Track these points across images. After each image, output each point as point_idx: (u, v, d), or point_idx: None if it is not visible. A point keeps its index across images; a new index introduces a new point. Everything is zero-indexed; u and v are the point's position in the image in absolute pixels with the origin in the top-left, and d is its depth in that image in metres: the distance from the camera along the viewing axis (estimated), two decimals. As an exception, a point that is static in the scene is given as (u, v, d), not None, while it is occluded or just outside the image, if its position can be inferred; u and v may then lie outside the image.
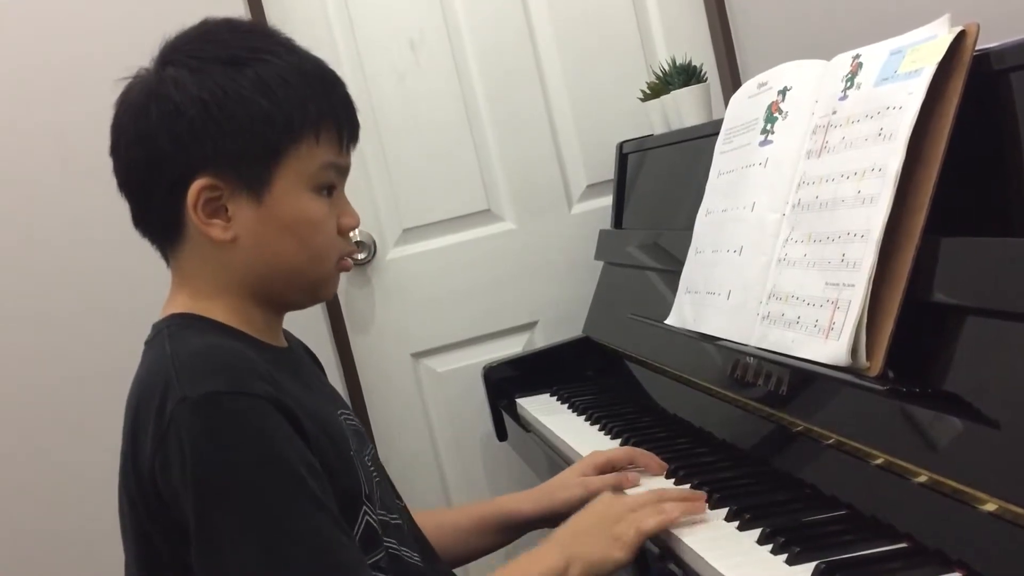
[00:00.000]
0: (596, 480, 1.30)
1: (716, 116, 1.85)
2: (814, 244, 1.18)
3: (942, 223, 1.02)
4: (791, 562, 0.96)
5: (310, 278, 1.05)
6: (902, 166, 1.05)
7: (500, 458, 2.19)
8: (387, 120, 2.15)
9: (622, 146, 2.12)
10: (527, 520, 1.33)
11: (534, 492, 1.35)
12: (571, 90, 2.24)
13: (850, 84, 1.19)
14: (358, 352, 2.16)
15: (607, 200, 2.16)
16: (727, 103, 1.52)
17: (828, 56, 1.27)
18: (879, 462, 1.02)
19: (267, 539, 0.89)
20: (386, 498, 1.11)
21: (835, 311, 1.10)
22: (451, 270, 2.20)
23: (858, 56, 1.19)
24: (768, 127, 1.35)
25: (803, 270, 1.19)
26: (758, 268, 1.29)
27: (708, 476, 1.24)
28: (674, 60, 1.99)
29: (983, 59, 1.02)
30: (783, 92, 1.34)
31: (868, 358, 1.06)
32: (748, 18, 2.16)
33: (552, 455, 1.65)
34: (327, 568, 0.91)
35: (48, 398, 1.97)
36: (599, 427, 1.61)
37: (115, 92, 1.02)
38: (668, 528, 1.09)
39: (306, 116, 0.99)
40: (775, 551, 1.00)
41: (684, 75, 1.95)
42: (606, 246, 2.10)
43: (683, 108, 1.92)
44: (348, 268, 1.09)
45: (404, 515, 1.16)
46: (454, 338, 2.21)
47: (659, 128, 2.03)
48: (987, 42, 1.03)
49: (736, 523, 1.08)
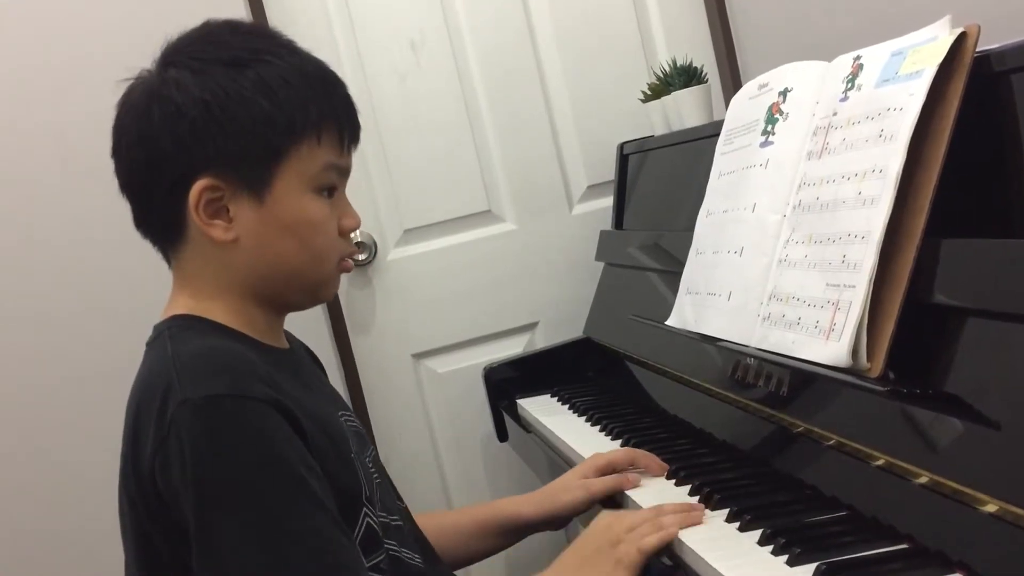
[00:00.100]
0: (597, 482, 1.30)
1: (717, 117, 1.85)
2: (815, 245, 1.18)
3: (943, 224, 1.02)
4: (792, 563, 0.96)
5: (311, 279, 1.05)
6: (903, 167, 1.05)
7: (501, 459, 2.19)
8: (388, 121, 2.15)
9: (623, 147, 2.12)
10: (528, 523, 1.33)
11: (535, 495, 1.35)
12: (572, 91, 2.23)
13: (851, 85, 1.19)
14: (359, 353, 2.16)
15: (608, 201, 2.16)
16: (727, 104, 1.52)
17: (829, 57, 1.27)
18: (880, 463, 1.02)
19: (267, 540, 0.89)
20: (387, 499, 1.11)
21: (836, 312, 1.10)
22: (452, 271, 2.19)
23: (859, 57, 1.19)
24: (769, 128, 1.35)
25: (804, 271, 1.19)
26: (759, 269, 1.29)
27: (709, 477, 1.24)
28: (675, 61, 1.99)
29: (984, 61, 1.02)
30: (784, 93, 1.34)
31: (869, 359, 1.06)
32: (749, 19, 2.16)
33: (553, 456, 1.65)
34: (327, 569, 0.91)
35: (48, 398, 1.97)
36: (600, 428, 1.61)
37: (116, 93, 1.02)
38: (669, 543, 1.09)
39: (307, 117, 0.99)
40: (776, 552, 1.00)
41: (685, 76, 1.95)
42: (607, 247, 2.10)
43: (684, 109, 1.92)
44: (349, 269, 1.09)
45: (405, 516, 1.16)
46: (455, 339, 2.21)
47: (660, 129, 2.03)
48: (988, 43, 1.03)
49: (737, 524, 1.08)
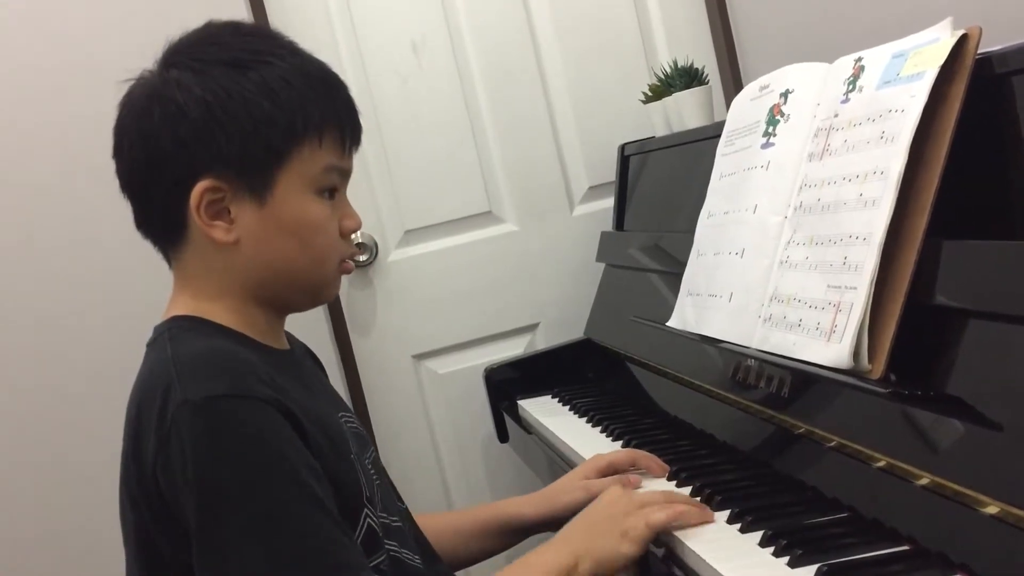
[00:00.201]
0: (598, 483, 1.30)
1: (718, 118, 1.85)
2: (816, 247, 1.18)
3: (944, 226, 1.02)
4: (793, 564, 0.96)
5: (312, 280, 1.05)
6: (904, 169, 1.05)
7: (501, 460, 2.19)
8: (389, 122, 2.15)
9: (624, 148, 2.12)
10: (529, 524, 1.33)
11: (536, 496, 1.35)
12: (573, 92, 2.24)
13: (852, 87, 1.19)
14: (359, 354, 2.16)
15: (609, 202, 2.16)
16: (729, 105, 1.52)
17: (830, 59, 1.27)
18: (881, 464, 1.02)
19: (268, 540, 0.89)
20: (387, 500, 1.11)
21: (837, 314, 1.10)
22: (452, 272, 2.20)
23: (860, 59, 1.19)
24: (770, 130, 1.35)
25: (805, 272, 1.19)
26: (760, 270, 1.29)
27: (710, 478, 1.24)
28: (676, 62, 1.99)
29: (985, 62, 1.02)
30: (785, 95, 1.34)
31: (870, 361, 1.06)
32: (750, 20, 2.16)
33: (553, 457, 1.65)
34: (328, 568, 0.90)
35: (48, 398, 1.98)
36: (600, 429, 1.61)
37: (117, 93, 1.02)
38: (677, 524, 1.09)
39: (309, 119, 0.99)
40: (777, 553, 0.99)
41: (686, 77, 1.95)
42: (607, 248, 2.10)
43: (685, 110, 1.92)
44: (350, 270, 1.09)
45: (405, 517, 1.16)
46: (455, 340, 2.21)
47: (661, 130, 2.03)
48: (989, 45, 1.03)
49: (738, 525, 1.08)
